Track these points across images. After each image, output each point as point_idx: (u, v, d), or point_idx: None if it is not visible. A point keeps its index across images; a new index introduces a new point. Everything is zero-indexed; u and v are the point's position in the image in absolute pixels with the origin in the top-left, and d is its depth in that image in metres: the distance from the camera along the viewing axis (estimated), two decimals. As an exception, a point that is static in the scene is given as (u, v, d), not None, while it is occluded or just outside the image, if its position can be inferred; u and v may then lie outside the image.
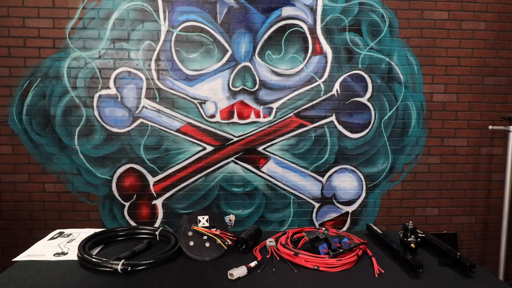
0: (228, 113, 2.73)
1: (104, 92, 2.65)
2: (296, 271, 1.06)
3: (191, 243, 1.14)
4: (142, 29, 2.63)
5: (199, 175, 2.75)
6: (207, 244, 1.15)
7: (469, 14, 2.78)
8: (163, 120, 2.69)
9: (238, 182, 2.78)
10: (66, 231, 1.43)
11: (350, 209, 2.87)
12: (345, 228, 2.87)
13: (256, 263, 1.07)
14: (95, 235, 1.27)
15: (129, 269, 1.02)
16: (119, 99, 2.67)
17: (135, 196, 2.74)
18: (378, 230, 1.34)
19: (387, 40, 2.76)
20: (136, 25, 2.62)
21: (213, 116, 2.73)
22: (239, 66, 2.70)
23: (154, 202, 2.75)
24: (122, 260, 1.04)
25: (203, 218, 1.17)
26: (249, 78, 2.71)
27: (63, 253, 1.19)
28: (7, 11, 2.55)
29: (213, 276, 1.03)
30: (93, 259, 1.06)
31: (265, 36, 2.69)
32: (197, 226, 1.15)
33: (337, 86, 2.76)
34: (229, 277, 1.01)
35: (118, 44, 2.63)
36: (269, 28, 2.69)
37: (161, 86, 2.67)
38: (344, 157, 2.82)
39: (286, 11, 2.69)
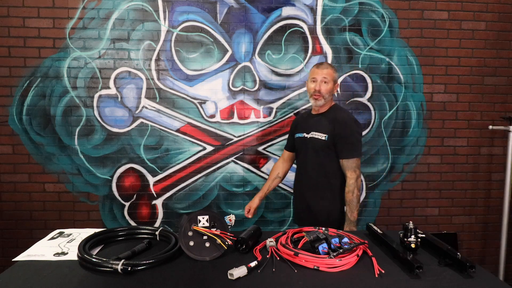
0: (228, 113, 2.73)
1: (104, 92, 2.65)
2: (296, 271, 1.06)
3: (191, 243, 1.14)
4: (142, 29, 2.63)
5: (199, 175, 2.75)
6: (207, 244, 1.15)
7: (469, 14, 2.78)
8: (163, 120, 2.69)
9: (238, 182, 2.78)
10: (66, 231, 1.43)
11: (350, 209, 2.86)
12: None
13: (256, 263, 1.07)
14: (95, 235, 1.27)
15: (129, 269, 1.02)
16: (119, 99, 2.67)
17: (135, 196, 2.74)
18: (378, 230, 1.34)
19: (387, 40, 2.75)
20: (136, 25, 2.62)
21: (213, 116, 2.73)
22: (239, 66, 2.70)
23: (154, 202, 2.75)
24: (122, 260, 1.04)
25: (203, 218, 1.17)
26: (249, 78, 2.71)
27: (63, 253, 1.19)
28: (7, 11, 2.55)
29: (213, 276, 1.03)
30: (93, 259, 1.06)
31: (265, 36, 2.69)
32: (197, 226, 1.15)
33: (337, 86, 2.76)
34: (229, 277, 1.01)
35: (118, 44, 2.63)
36: (269, 28, 2.69)
37: (161, 86, 2.67)
38: (344, 157, 2.81)
39: (286, 11, 2.69)
